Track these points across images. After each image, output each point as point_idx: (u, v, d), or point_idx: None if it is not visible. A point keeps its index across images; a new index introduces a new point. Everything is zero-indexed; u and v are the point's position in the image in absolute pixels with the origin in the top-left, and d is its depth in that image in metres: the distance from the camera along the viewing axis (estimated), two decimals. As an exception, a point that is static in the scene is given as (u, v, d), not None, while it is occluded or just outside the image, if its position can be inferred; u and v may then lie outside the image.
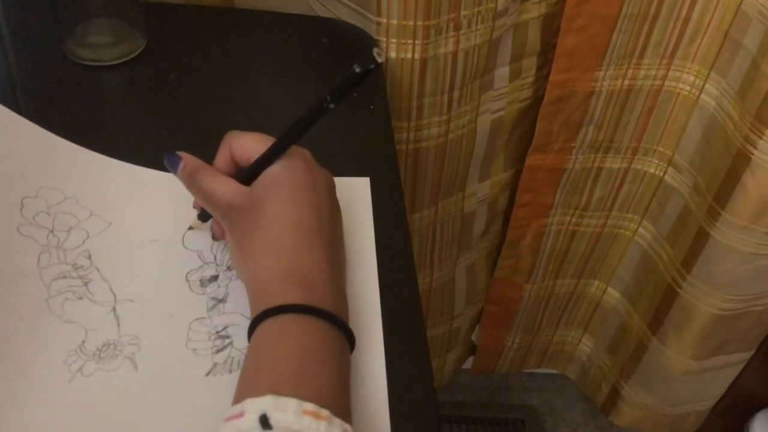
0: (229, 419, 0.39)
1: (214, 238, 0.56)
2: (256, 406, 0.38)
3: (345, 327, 0.45)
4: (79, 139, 0.60)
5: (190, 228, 0.56)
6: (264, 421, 0.37)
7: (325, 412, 0.38)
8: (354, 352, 0.46)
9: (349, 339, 0.46)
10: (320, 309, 0.44)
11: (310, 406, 0.38)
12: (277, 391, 0.39)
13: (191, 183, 0.50)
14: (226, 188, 0.49)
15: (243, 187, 0.49)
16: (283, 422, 0.37)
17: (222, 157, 0.51)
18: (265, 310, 0.44)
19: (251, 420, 0.38)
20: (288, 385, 0.40)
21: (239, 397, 0.40)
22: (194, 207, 0.56)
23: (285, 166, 0.48)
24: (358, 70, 0.45)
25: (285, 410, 0.38)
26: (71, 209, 0.56)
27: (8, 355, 0.48)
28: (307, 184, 0.48)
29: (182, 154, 0.51)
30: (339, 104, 0.47)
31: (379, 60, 0.44)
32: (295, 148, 0.49)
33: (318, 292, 0.45)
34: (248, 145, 0.49)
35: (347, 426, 0.39)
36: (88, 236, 0.55)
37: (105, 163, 0.60)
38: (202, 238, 0.56)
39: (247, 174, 0.49)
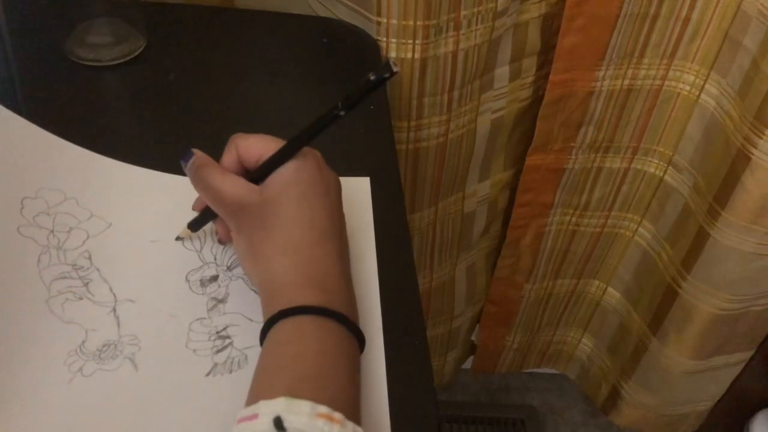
0: (241, 421, 0.38)
1: (220, 242, 0.55)
2: (270, 408, 0.38)
3: (358, 331, 0.46)
4: (79, 140, 0.60)
5: (178, 238, 0.56)
6: (278, 423, 0.37)
7: (338, 415, 0.38)
8: (354, 351, 0.47)
9: (359, 342, 0.46)
10: (337, 312, 0.44)
11: (323, 409, 0.38)
12: (294, 392, 0.39)
13: (198, 179, 0.50)
14: (236, 187, 0.48)
15: (253, 186, 0.48)
16: (297, 425, 0.37)
17: (229, 159, 0.50)
18: (282, 310, 0.44)
19: (265, 422, 0.37)
20: (305, 386, 0.40)
21: (253, 398, 0.40)
22: (193, 209, 0.55)
23: (298, 166, 0.48)
24: (372, 78, 0.45)
25: (299, 413, 0.38)
26: (71, 210, 0.56)
27: (8, 355, 0.48)
28: (320, 186, 0.48)
29: (195, 150, 0.51)
30: (350, 112, 0.46)
31: (395, 69, 0.44)
32: (307, 149, 0.49)
33: (334, 294, 0.46)
34: (255, 146, 0.49)
35: (359, 429, 0.39)
36: (88, 237, 0.55)
37: (105, 164, 0.60)
38: (202, 238, 0.56)
39: (257, 173, 0.49)
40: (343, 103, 0.46)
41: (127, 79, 0.69)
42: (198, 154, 0.50)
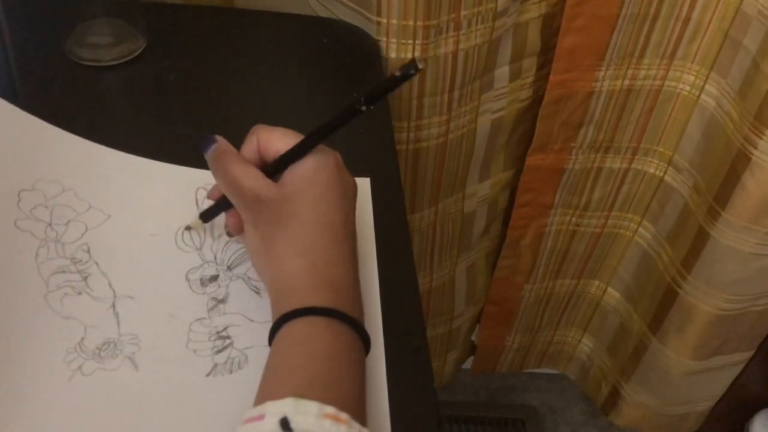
0: (248, 421, 0.38)
1: (229, 234, 0.54)
2: (277, 408, 0.38)
3: (365, 333, 0.45)
4: (79, 139, 0.60)
5: (188, 228, 0.55)
6: (285, 424, 0.37)
7: (344, 416, 0.38)
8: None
9: (365, 345, 0.46)
10: (348, 315, 0.44)
11: (330, 410, 0.38)
12: (304, 392, 0.39)
13: (218, 166, 0.49)
14: (256, 179, 0.48)
15: (272, 181, 0.48)
16: (304, 425, 0.37)
17: (248, 149, 0.49)
18: (294, 310, 0.44)
19: (271, 423, 0.37)
20: (314, 387, 0.40)
21: (262, 398, 0.40)
22: (208, 197, 0.54)
23: (318, 166, 0.48)
24: (398, 74, 0.45)
25: (306, 413, 0.38)
26: (69, 202, 0.56)
27: (7, 352, 0.48)
28: (339, 187, 0.48)
29: (218, 137, 0.50)
30: (371, 107, 0.46)
31: (420, 67, 0.44)
32: (327, 149, 0.49)
33: (345, 297, 0.46)
34: (277, 139, 0.49)
35: (365, 430, 0.39)
36: (86, 229, 0.55)
37: (104, 154, 0.59)
38: (202, 235, 0.56)
39: (273, 167, 0.48)
40: (365, 98, 0.46)
41: (127, 79, 0.69)
42: (220, 141, 0.50)
